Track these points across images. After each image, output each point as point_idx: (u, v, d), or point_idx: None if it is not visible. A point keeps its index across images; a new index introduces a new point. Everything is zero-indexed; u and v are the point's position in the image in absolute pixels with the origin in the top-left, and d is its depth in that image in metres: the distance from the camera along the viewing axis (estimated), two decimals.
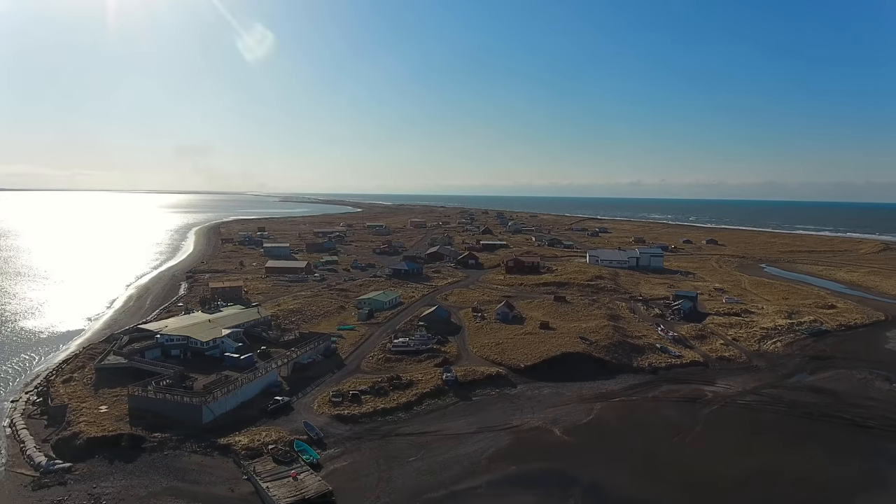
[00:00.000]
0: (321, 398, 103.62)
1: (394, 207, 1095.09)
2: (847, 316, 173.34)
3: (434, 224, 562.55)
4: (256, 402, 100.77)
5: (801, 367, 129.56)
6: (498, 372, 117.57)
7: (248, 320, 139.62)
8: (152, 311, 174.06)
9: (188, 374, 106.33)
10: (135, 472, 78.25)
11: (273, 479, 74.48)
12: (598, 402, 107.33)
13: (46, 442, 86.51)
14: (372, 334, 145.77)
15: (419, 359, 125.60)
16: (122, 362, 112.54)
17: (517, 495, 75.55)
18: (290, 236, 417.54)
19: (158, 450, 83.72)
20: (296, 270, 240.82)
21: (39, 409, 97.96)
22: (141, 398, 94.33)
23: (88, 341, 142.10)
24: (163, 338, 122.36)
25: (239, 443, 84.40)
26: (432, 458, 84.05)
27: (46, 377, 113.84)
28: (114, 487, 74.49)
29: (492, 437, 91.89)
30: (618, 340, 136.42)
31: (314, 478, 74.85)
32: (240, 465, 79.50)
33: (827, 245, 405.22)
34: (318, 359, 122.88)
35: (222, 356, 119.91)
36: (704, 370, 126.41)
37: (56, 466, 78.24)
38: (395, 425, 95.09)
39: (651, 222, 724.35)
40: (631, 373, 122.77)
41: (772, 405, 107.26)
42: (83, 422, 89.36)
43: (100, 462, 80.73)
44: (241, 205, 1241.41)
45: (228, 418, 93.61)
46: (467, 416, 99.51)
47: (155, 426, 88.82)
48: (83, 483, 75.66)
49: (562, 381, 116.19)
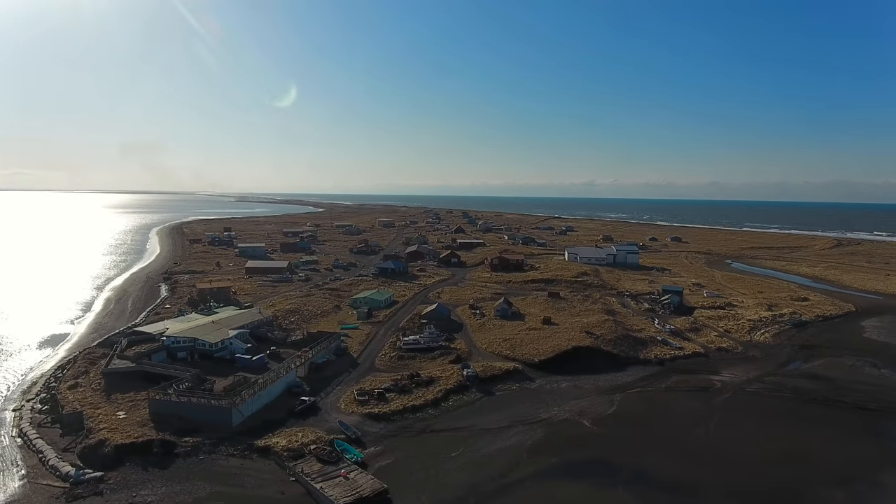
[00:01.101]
0: (346, 397, 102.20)
1: (356, 207, 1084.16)
2: (821, 308, 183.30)
3: (402, 223, 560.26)
4: (280, 402, 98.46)
5: (793, 356, 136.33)
6: (515, 367, 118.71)
7: (251, 321, 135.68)
8: (138, 314, 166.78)
9: (205, 377, 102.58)
10: (173, 479, 75.18)
11: (324, 479, 73.08)
12: (617, 393, 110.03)
13: (68, 451, 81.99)
14: (377, 333, 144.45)
15: (432, 356, 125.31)
16: (130, 366, 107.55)
17: (566, 486, 76.72)
18: (259, 236, 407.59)
19: (192, 454, 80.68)
20: (278, 270, 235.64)
21: (50, 418, 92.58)
22: (163, 402, 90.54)
23: (78, 346, 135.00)
24: (168, 340, 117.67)
25: (278, 444, 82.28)
26: (474, 453, 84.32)
27: (46, 384, 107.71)
28: (155, 495, 71.37)
29: (525, 430, 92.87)
30: (621, 334, 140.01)
31: (366, 476, 73.85)
32: (284, 467, 77.57)
33: (783, 242, 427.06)
34: (331, 358, 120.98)
35: (233, 358, 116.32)
36: (707, 361, 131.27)
37: (87, 476, 74.29)
38: (427, 422, 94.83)
39: (614, 221, 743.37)
40: (640, 365, 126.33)
41: (777, 392, 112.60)
42: (104, 428, 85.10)
43: (132, 469, 77.16)
44: (196, 205, 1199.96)
45: (255, 420, 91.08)
46: (495, 411, 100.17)
47: (182, 430, 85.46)
48: (120, 492, 72.17)
49: (577, 375, 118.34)
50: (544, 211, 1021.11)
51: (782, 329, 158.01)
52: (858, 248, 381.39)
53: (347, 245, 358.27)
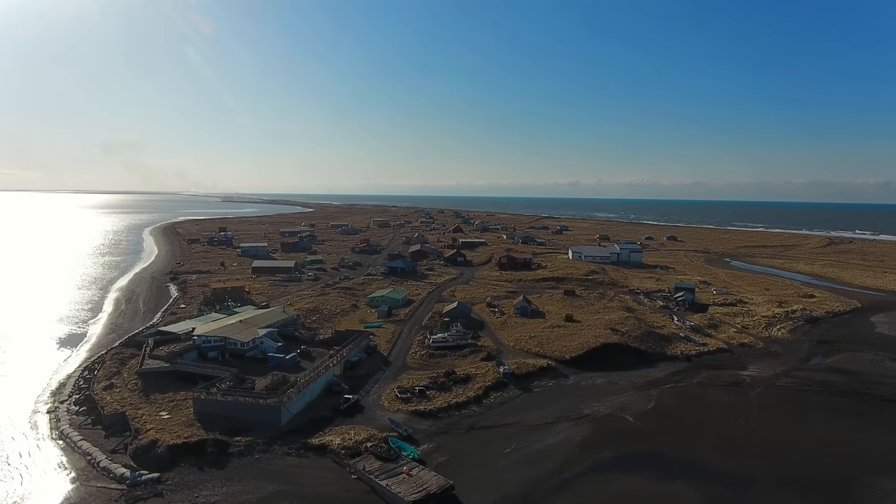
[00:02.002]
0: (387, 395, 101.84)
1: (345, 207, 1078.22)
2: (829, 304, 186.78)
3: (397, 223, 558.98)
4: (322, 401, 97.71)
5: (813, 351, 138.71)
6: (548, 364, 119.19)
7: (277, 320, 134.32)
8: (152, 314, 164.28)
9: (244, 376, 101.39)
10: (232, 478, 74.22)
11: (388, 476, 72.70)
12: (652, 389, 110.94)
13: (116, 453, 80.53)
14: (401, 331, 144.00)
15: (462, 354, 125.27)
16: (165, 366, 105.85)
17: (623, 479, 77.28)
18: (255, 236, 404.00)
19: (247, 454, 79.73)
20: (286, 270, 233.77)
21: (90, 419, 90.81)
22: (207, 402, 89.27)
23: (99, 346, 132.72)
24: (200, 339, 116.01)
25: (333, 442, 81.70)
26: (527, 449, 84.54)
27: (76, 385, 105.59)
28: (217, 495, 70.36)
29: (571, 425, 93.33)
30: (645, 331, 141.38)
31: (430, 473, 73.60)
32: (344, 465, 77.01)
33: (777, 240, 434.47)
34: (363, 356, 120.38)
35: (265, 357, 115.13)
36: (731, 357, 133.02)
37: (143, 477, 72.99)
38: (474, 419, 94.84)
39: (607, 221, 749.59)
40: (668, 361, 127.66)
41: (807, 386, 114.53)
42: (152, 429, 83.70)
43: (188, 470, 76.01)
44: (181, 205, 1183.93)
45: (302, 418, 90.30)
46: (537, 408, 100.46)
47: (231, 430, 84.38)
48: (181, 493, 71.06)
49: (609, 371, 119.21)
50: (531, 211, 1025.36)
51: (796, 325, 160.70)
52: (851, 246, 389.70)
53: (348, 244, 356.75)
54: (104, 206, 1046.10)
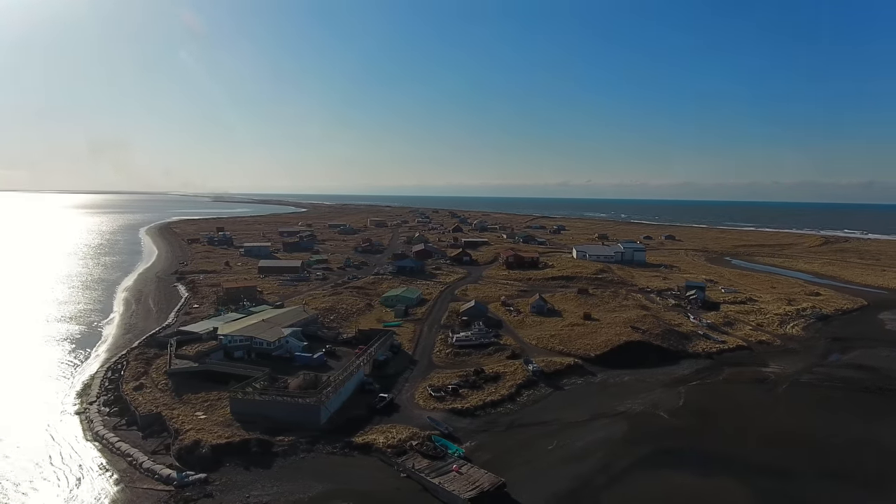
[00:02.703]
0: (420, 393, 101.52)
1: (338, 207, 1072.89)
2: (837, 302, 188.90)
3: (394, 223, 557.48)
4: (355, 400, 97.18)
5: (829, 348, 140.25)
6: (574, 362, 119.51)
7: (299, 319, 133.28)
8: (164, 314, 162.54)
9: (277, 376, 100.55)
10: (281, 478, 73.59)
11: (438, 474, 72.48)
12: (680, 386, 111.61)
13: (157, 454, 79.45)
14: (421, 330, 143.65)
15: (487, 352, 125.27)
16: (194, 366, 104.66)
17: (670, 475, 77.65)
18: (254, 236, 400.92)
19: (291, 453, 79.13)
20: (292, 270, 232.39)
21: (124, 420, 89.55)
22: (244, 402, 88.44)
23: (117, 346, 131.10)
24: (226, 339, 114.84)
25: (377, 441, 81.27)
26: (570, 446, 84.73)
27: (102, 385, 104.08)
28: (268, 495, 69.72)
29: (608, 422, 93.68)
30: (665, 329, 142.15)
31: (480, 471, 73.44)
32: (391, 464, 76.66)
33: (773, 239, 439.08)
34: (389, 356, 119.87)
35: (292, 356, 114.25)
36: (751, 354, 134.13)
37: (191, 478, 72.18)
38: (511, 417, 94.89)
39: (603, 220, 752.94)
40: (691, 358, 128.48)
41: (829, 382, 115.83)
42: (191, 429, 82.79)
43: (234, 470, 75.28)
44: (172, 205, 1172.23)
45: (339, 418, 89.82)
46: (571, 405, 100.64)
47: (270, 430, 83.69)
48: (229, 493, 70.35)
49: (634, 368, 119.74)
50: (522, 210, 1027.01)
51: (808, 322, 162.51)
52: (847, 245, 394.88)
53: (348, 244, 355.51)
54: (93, 206, 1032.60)
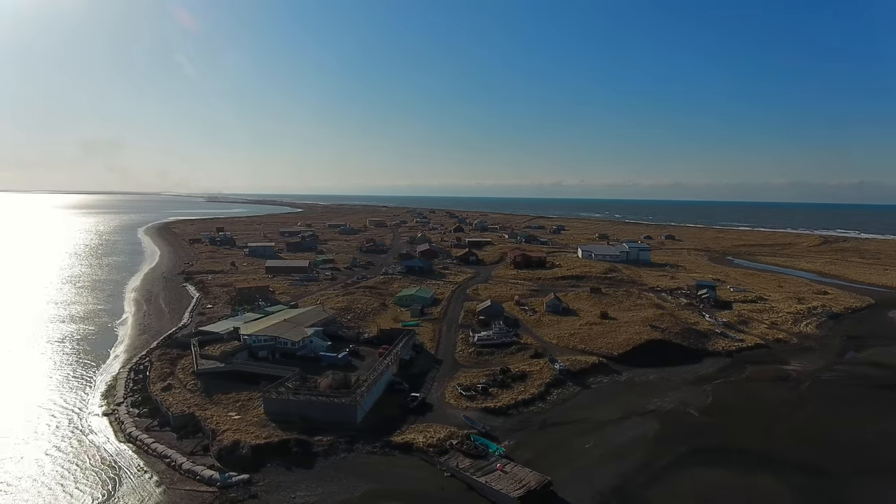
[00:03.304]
0: (449, 392, 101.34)
1: (334, 207, 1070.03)
2: (845, 301, 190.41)
3: (394, 223, 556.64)
4: (386, 399, 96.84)
5: (845, 346, 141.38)
6: (599, 360, 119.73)
7: (319, 319, 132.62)
8: (178, 314, 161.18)
9: (307, 375, 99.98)
10: (324, 478, 73.18)
11: (483, 473, 72.35)
12: (705, 384, 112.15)
13: (195, 454, 78.71)
14: (441, 330, 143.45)
15: (509, 351, 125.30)
16: (221, 366, 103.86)
17: (708, 472, 78.06)
18: (254, 236, 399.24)
19: (331, 453, 78.69)
20: (300, 270, 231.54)
21: (156, 421, 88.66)
22: (278, 401, 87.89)
23: (135, 347, 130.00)
24: (250, 339, 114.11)
25: (416, 440, 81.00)
26: (607, 444, 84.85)
27: (128, 386, 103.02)
28: (314, 496, 69.31)
29: (640, 421, 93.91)
30: (684, 327, 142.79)
31: (524, 469, 73.38)
32: (434, 463, 76.44)
33: (772, 239, 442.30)
34: (413, 355, 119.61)
35: (317, 356, 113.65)
36: (770, 352, 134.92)
37: (234, 479, 71.58)
38: (544, 415, 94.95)
39: (599, 220, 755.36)
40: (711, 356, 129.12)
41: (850, 379, 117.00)
42: (228, 430, 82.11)
43: (276, 470, 74.79)
44: (166, 205, 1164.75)
45: (373, 417, 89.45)
46: (601, 404, 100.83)
47: (307, 430, 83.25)
48: (275, 493, 69.84)
49: (658, 367, 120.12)
50: (517, 210, 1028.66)
51: (820, 321, 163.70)
52: (846, 244, 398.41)
53: (351, 244, 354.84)
54: (86, 207, 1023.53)
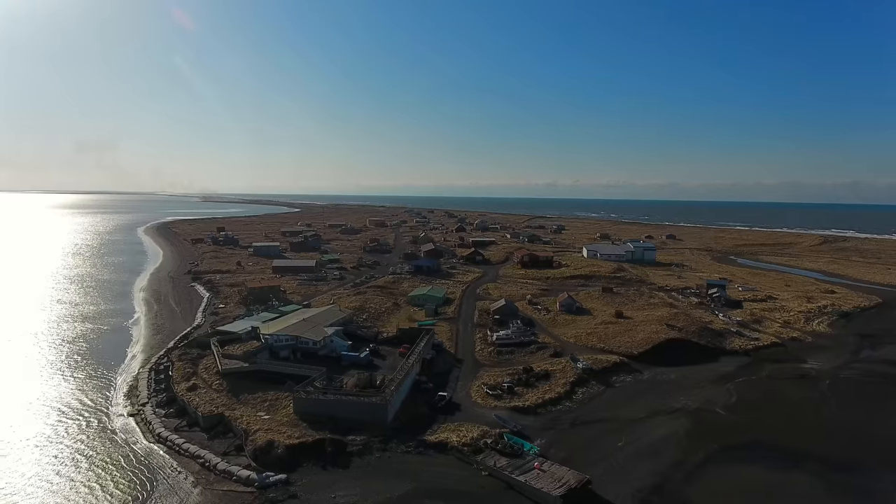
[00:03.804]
0: (475, 391, 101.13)
1: (331, 207, 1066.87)
2: (853, 300, 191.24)
3: (393, 223, 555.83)
4: (413, 398, 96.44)
5: (860, 344, 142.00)
6: (620, 359, 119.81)
7: (337, 319, 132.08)
8: (190, 314, 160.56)
9: (333, 375, 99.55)
10: (361, 478, 72.86)
11: (521, 472, 72.21)
12: (727, 382, 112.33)
13: (228, 454, 78.17)
14: (457, 329, 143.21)
15: (529, 350, 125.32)
16: (244, 366, 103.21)
17: (743, 469, 78.16)
18: (256, 236, 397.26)
19: (366, 453, 78.37)
20: (308, 269, 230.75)
21: (184, 421, 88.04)
22: (308, 401, 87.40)
23: (150, 346, 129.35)
24: (272, 338, 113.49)
25: (450, 439, 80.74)
26: (638, 442, 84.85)
27: (150, 386, 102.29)
28: (354, 496, 68.95)
29: (668, 419, 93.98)
30: (700, 326, 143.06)
31: (562, 468, 73.27)
32: (471, 462, 76.20)
33: (772, 239, 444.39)
34: (433, 354, 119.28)
35: (338, 356, 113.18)
36: (786, 350, 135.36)
37: (272, 479, 71.13)
38: (572, 414, 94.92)
39: (598, 221, 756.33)
40: (728, 355, 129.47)
41: (870, 377, 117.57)
42: (259, 430, 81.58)
43: (312, 470, 74.44)
44: (162, 205, 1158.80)
45: (403, 416, 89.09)
46: (627, 402, 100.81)
47: (337, 429, 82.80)
48: (315, 493, 69.49)
49: (678, 366, 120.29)
50: (513, 210, 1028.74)
51: (832, 320, 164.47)
52: (846, 244, 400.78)
53: (353, 244, 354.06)
54: (81, 207, 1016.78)
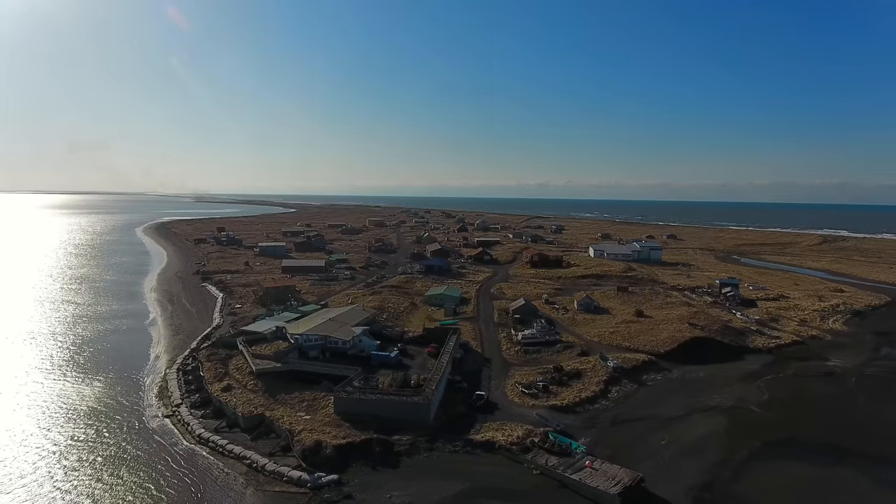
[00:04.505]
0: (510, 390, 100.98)
1: (327, 208, 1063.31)
2: (864, 299, 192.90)
3: (393, 223, 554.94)
4: (449, 398, 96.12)
5: (878, 342, 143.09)
6: (648, 358, 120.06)
7: (361, 318, 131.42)
8: (206, 314, 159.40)
9: (369, 374, 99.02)
10: (413, 477, 72.46)
11: (574, 470, 72.10)
12: (755, 380, 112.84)
13: (274, 455, 77.48)
14: (479, 328, 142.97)
15: (556, 349, 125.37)
16: (277, 366, 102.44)
17: (788, 465, 78.47)
18: (257, 236, 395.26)
19: (413, 452, 78.00)
20: (317, 269, 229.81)
21: (224, 422, 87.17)
22: (349, 401, 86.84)
23: (172, 347, 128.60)
24: (301, 338, 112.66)
25: (496, 438, 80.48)
26: (681, 440, 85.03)
27: (181, 387, 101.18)
28: (409, 496, 68.55)
29: (705, 417, 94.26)
30: (722, 325, 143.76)
31: (614, 466, 73.24)
32: (521, 461, 76.06)
33: (772, 238, 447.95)
34: (461, 353, 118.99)
35: (368, 355, 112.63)
36: (808, 348, 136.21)
37: (325, 479, 70.55)
38: (610, 412, 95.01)
39: (595, 221, 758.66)
40: (753, 353, 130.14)
41: (893, 374, 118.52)
42: (303, 430, 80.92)
43: (362, 470, 73.94)
44: (155, 205, 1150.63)
45: (444, 415, 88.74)
46: (662, 401, 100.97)
47: (381, 429, 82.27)
48: (369, 493, 69.00)
49: (704, 364, 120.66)
50: (507, 210, 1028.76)
51: (846, 318, 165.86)
52: (845, 243, 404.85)
53: (355, 244, 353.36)
54: (74, 207, 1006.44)
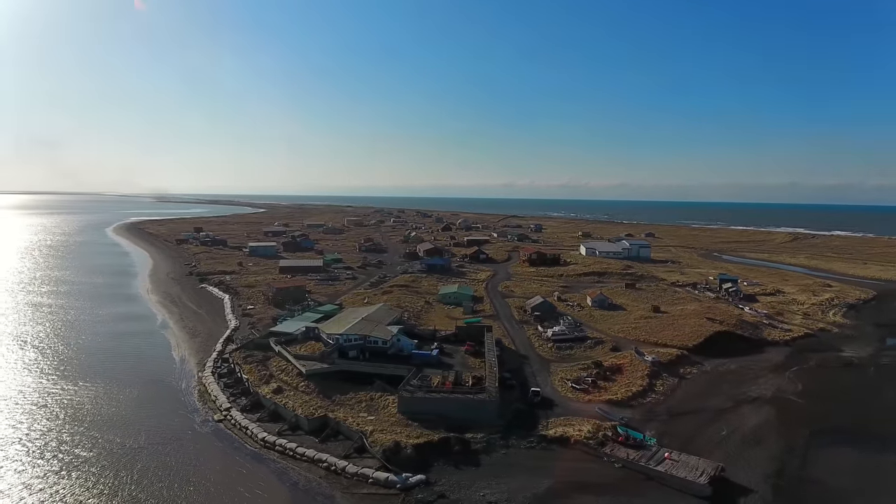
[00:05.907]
0: (559, 386, 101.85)
1: (296, 207, 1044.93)
2: (853, 293, 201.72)
3: (372, 223, 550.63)
4: (503, 395, 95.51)
5: (882, 333, 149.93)
6: (680, 352, 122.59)
7: (391, 318, 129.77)
8: (219, 316, 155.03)
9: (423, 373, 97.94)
10: (498, 475, 72.15)
11: (656, 462, 73.10)
12: (784, 371, 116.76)
13: (350, 457, 75.90)
14: (504, 326, 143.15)
15: (587, 345, 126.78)
16: (325, 367, 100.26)
17: (843, 452, 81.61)
18: (237, 236, 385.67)
19: (491, 450, 77.69)
20: (316, 269, 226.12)
21: (285, 425, 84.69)
22: (413, 400, 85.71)
23: (194, 350, 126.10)
24: (342, 338, 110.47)
25: (569, 433, 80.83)
26: (739, 431, 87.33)
27: (225, 391, 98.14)
28: (501, 493, 68.39)
29: (753, 408, 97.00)
30: (737, 319, 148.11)
31: (693, 457, 74.62)
32: (599, 455, 76.69)
33: (746, 237, 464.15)
34: (499, 351, 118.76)
35: (408, 354, 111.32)
36: (819, 341, 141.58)
37: (413, 479, 69.55)
38: (663, 405, 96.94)
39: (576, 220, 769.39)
40: (771, 346, 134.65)
41: None
42: (374, 431, 79.58)
43: (445, 469, 73.31)
44: (115, 205, 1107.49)
45: (507, 413, 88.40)
46: (706, 393, 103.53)
47: (449, 427, 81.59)
48: (461, 492, 68.55)
49: (729, 357, 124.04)
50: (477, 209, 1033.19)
51: (843, 311, 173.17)
52: (815, 241, 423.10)
53: (340, 244, 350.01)
54: (31, 208, 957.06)
